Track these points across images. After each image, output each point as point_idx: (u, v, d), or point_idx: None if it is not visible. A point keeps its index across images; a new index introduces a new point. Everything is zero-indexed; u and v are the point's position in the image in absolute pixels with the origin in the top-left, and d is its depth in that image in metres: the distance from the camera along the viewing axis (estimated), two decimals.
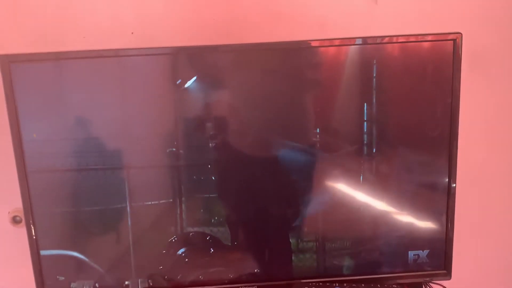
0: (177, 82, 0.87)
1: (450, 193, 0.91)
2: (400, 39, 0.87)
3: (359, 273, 0.95)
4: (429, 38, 0.86)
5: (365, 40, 0.86)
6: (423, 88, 0.89)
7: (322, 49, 0.87)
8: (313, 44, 0.87)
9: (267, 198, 0.93)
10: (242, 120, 0.90)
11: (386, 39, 0.86)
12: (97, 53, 0.86)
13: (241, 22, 1.04)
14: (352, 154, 0.91)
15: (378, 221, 0.94)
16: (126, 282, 0.94)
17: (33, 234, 0.90)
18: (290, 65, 0.88)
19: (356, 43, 0.87)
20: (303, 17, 1.04)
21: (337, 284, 0.91)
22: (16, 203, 1.04)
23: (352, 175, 0.92)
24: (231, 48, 0.87)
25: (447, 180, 0.91)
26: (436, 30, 0.86)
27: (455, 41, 0.85)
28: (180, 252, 0.95)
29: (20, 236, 1.05)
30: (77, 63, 0.86)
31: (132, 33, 1.01)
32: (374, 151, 0.91)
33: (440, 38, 0.86)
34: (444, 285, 0.96)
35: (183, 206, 0.92)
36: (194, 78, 0.87)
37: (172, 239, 0.94)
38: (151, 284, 0.94)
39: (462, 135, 0.90)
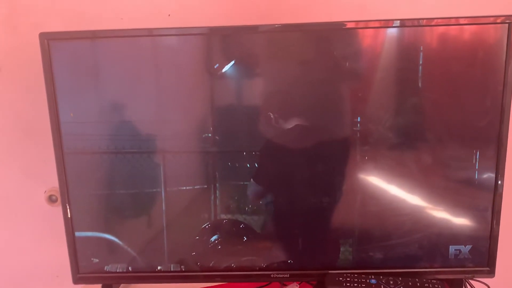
0: (215, 66, 0.85)
1: (497, 187, 0.87)
2: (451, 21, 0.82)
3: (396, 266, 0.91)
4: (482, 20, 0.81)
5: (409, 22, 0.82)
6: (471, 75, 0.84)
7: (366, 31, 0.83)
8: (355, 25, 0.83)
9: (303, 187, 0.91)
10: (280, 107, 0.88)
11: (432, 22, 0.82)
12: (132, 32, 0.85)
13: (279, 4, 1.01)
14: (393, 145, 0.87)
15: (419, 213, 0.90)
16: (159, 267, 0.94)
17: (69, 215, 0.91)
18: (328, 49, 0.85)
19: (396, 25, 0.82)
20: None
21: (372, 276, 0.89)
22: (52, 182, 1.05)
23: (393, 166, 0.88)
24: (267, 28, 0.84)
25: (494, 173, 0.86)
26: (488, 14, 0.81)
27: (510, 25, 0.80)
28: (213, 239, 0.94)
29: (55, 215, 1.07)
30: (113, 43, 0.86)
31: (169, 15, 1.00)
32: (416, 142, 0.87)
33: (493, 21, 0.81)
34: (487, 283, 0.92)
35: (217, 192, 0.91)
36: (232, 62, 0.85)
37: (205, 226, 0.93)
38: (183, 269, 0.93)
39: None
